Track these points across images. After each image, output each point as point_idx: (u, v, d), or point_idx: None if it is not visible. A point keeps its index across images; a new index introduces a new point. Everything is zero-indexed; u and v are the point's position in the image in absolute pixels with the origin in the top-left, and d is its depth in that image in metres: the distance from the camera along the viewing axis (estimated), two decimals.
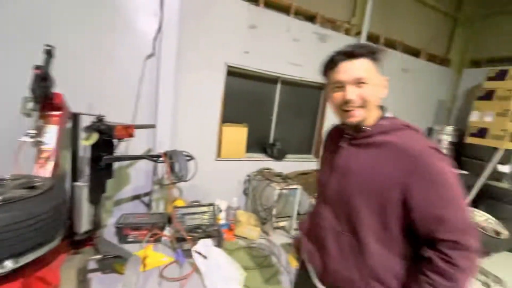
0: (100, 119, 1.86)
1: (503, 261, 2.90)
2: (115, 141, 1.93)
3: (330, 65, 0.82)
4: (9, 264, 1.14)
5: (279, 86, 3.39)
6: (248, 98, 3.29)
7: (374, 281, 0.80)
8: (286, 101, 3.50)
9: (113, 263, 1.90)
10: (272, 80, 3.32)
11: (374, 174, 0.78)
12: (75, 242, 1.83)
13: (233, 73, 3.05)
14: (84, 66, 2.32)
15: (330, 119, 3.58)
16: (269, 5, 3.04)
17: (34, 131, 1.62)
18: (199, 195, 3.03)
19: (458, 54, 4.63)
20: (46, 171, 1.78)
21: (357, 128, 0.84)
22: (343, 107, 0.81)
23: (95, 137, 1.72)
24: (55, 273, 1.42)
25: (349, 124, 0.83)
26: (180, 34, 2.55)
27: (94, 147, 1.82)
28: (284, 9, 3.15)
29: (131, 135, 1.96)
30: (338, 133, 0.94)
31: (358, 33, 3.56)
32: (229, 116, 3.17)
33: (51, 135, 1.88)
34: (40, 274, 1.39)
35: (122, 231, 2.31)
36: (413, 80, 4.23)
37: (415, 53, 4.22)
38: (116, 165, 2.52)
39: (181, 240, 2.25)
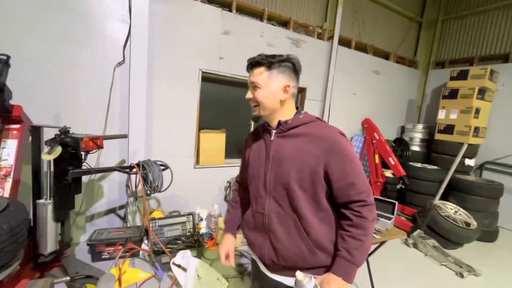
0: (65, 131, 1.75)
1: (474, 250, 3.07)
2: (82, 153, 1.82)
3: (247, 68, 1.04)
4: None
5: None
6: (225, 103, 3.26)
7: (318, 249, 0.96)
8: None
9: (84, 283, 1.78)
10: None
11: (304, 156, 0.94)
12: (40, 265, 1.69)
13: (208, 79, 3.02)
14: (48, 75, 2.19)
15: None
16: (242, 10, 3.06)
17: None
18: (179, 205, 2.94)
19: (424, 56, 4.91)
20: (4, 189, 1.65)
21: (280, 122, 1.00)
22: (250, 103, 1.04)
23: (58, 150, 1.62)
24: None
25: (252, 117, 1.05)
26: (150, 41, 2.48)
27: (59, 161, 1.70)
28: (257, 15, 3.18)
29: (99, 147, 1.86)
30: (262, 131, 1.08)
31: (331, 38, 3.67)
32: (206, 123, 3.13)
33: (9, 150, 1.75)
34: None
35: (95, 248, 2.18)
36: (384, 81, 4.41)
37: (385, 55, 4.42)
38: (85, 178, 2.39)
39: (159, 253, 2.16)
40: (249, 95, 1.02)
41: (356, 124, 4.23)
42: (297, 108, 1.07)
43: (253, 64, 0.99)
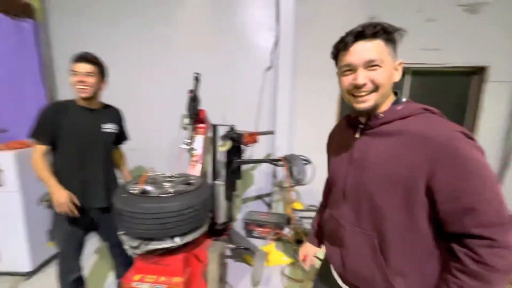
0: (232, 129, 2.18)
1: None
2: (243, 147, 2.21)
3: (341, 46, 0.76)
4: (178, 241, 1.51)
5: (409, 78, 2.88)
6: None
7: (397, 277, 0.73)
8: (419, 95, 2.93)
9: (243, 254, 2.17)
10: None
11: (394, 165, 0.70)
12: (215, 231, 2.22)
13: None
14: (218, 84, 2.81)
15: (489, 111, 2.70)
16: None
17: (189, 141, 2.09)
18: (316, 199, 2.99)
19: None
20: (196, 171, 2.27)
21: (370, 115, 0.77)
22: (353, 92, 0.75)
23: (229, 144, 2.04)
24: (205, 253, 1.77)
25: (360, 110, 0.77)
26: (295, 45, 2.65)
27: (228, 152, 2.15)
28: None
29: (255, 141, 2.19)
30: (348, 124, 0.88)
31: None
32: None
33: (198, 143, 2.39)
34: (195, 252, 1.77)
35: (248, 226, 2.61)
36: None
37: None
38: (243, 167, 2.90)
39: (300, 242, 2.29)
40: (362, 79, 0.71)
41: None
42: (395, 93, 0.80)
43: (365, 35, 0.71)
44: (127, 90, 2.77)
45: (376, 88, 0.72)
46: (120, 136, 1.82)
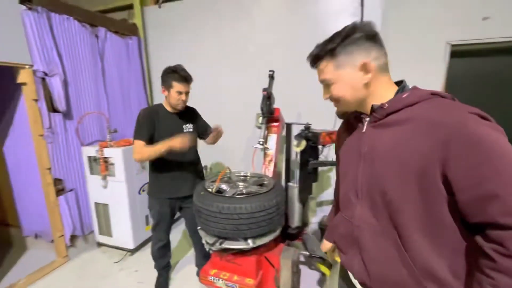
0: (307, 127, 2.03)
1: None
2: (320, 147, 2.03)
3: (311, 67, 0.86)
4: (250, 243, 1.49)
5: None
6: (487, 81, 2.31)
7: (429, 281, 0.66)
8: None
9: (318, 262, 2.00)
10: None
11: (404, 153, 0.66)
12: (288, 235, 2.12)
13: (460, 53, 2.26)
14: (294, 80, 2.69)
15: None
16: None
17: (263, 140, 2.05)
18: None
19: None
20: (269, 171, 2.22)
21: (374, 107, 0.75)
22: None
23: (303, 144, 1.90)
24: (277, 258, 1.70)
25: (337, 114, 0.91)
26: (384, 31, 2.27)
27: (303, 152, 2.01)
28: None
29: (333, 141, 1.97)
30: (353, 119, 0.85)
31: None
32: None
33: (272, 142, 2.34)
34: (267, 255, 1.72)
35: (324, 232, 2.41)
36: None
37: None
38: (320, 169, 2.70)
39: None
40: (325, 95, 0.83)
41: None
42: (400, 83, 0.78)
43: (314, 61, 0.81)
44: (208, 89, 2.97)
45: (337, 100, 0.80)
46: (202, 130, 1.97)
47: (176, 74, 1.64)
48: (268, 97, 1.99)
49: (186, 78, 1.67)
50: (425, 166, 0.62)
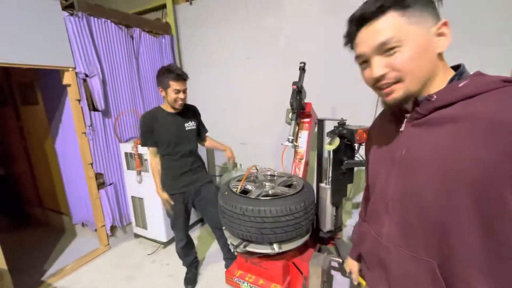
0: (342, 124, 1.85)
1: None
2: (355, 145, 1.84)
3: (348, 40, 0.64)
4: (276, 248, 1.40)
5: None
6: None
7: None
8: None
9: None
10: None
11: (456, 161, 0.50)
12: (319, 239, 1.98)
13: None
14: (327, 73, 2.50)
15: None
16: None
17: (292, 137, 1.93)
18: None
19: None
20: (300, 170, 2.09)
21: (417, 99, 0.57)
22: (377, 85, 0.58)
23: (337, 142, 1.73)
24: (305, 264, 1.59)
25: (390, 104, 0.59)
26: None
27: (336, 151, 1.84)
28: None
29: None
30: (389, 116, 0.69)
31: None
32: None
33: (303, 139, 2.19)
34: (296, 261, 1.62)
35: None
36: None
37: None
38: (355, 168, 2.48)
39: None
40: (379, 69, 0.55)
41: None
42: (457, 67, 0.57)
43: (376, 13, 0.53)
44: (237, 85, 2.92)
45: (399, 77, 0.55)
46: (200, 130, 2.01)
47: (172, 73, 1.65)
48: (298, 91, 1.86)
49: (182, 76, 1.68)
50: (487, 179, 0.47)
